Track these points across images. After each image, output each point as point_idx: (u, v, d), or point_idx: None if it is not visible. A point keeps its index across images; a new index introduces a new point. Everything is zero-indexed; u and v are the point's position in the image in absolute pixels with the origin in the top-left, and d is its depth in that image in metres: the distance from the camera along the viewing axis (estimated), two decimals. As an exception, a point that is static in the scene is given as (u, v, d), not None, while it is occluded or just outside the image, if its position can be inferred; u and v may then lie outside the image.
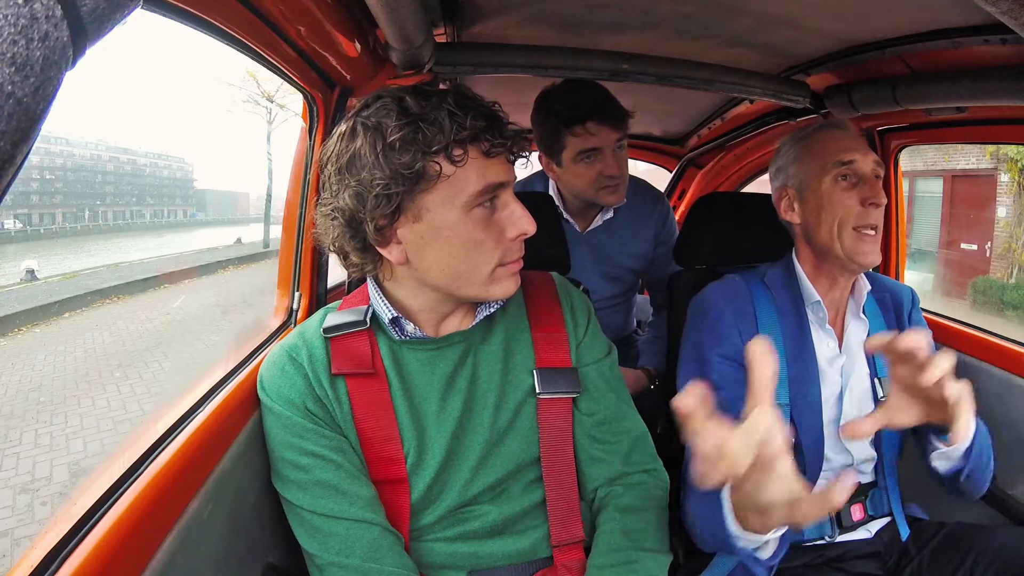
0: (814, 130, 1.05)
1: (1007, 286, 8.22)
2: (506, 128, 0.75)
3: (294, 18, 0.84)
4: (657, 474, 0.88)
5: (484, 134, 0.71)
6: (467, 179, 0.72)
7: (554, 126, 1.40)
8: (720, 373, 1.01)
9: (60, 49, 0.27)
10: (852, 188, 0.98)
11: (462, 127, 0.70)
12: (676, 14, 1.16)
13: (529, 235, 0.77)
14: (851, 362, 1.04)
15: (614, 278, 1.63)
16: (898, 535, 1.03)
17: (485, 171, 0.72)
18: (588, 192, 1.46)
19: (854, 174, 0.98)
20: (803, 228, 1.04)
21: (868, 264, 0.99)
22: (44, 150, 44.64)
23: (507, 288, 0.78)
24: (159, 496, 0.63)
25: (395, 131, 0.69)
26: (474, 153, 0.72)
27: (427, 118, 0.70)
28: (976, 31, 0.97)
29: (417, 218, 0.73)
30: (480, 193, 0.72)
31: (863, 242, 0.97)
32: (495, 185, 0.73)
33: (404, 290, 0.81)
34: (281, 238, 1.19)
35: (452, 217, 0.72)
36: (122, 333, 8.15)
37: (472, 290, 0.77)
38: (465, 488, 0.80)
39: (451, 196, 0.72)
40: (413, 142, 0.69)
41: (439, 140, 0.69)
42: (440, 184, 0.71)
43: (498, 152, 0.73)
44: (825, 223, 0.99)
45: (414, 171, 0.69)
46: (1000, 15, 0.49)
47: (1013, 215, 8.51)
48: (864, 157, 0.99)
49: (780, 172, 1.08)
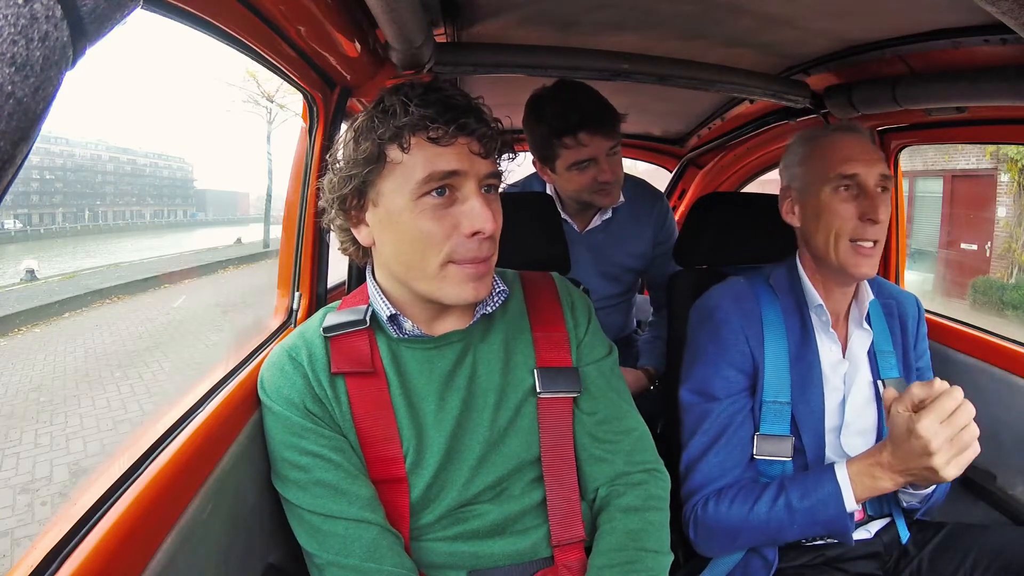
0: (823, 132, 1.04)
1: (1007, 286, 8.22)
2: (476, 120, 0.74)
3: (294, 18, 0.85)
4: (658, 474, 0.88)
5: (431, 121, 0.72)
6: (414, 166, 0.73)
7: (545, 135, 1.40)
8: (724, 382, 1.01)
9: (60, 49, 0.27)
10: (852, 200, 0.97)
11: (409, 114, 0.72)
12: (676, 14, 1.16)
13: (486, 234, 0.74)
14: (854, 369, 1.04)
15: (613, 278, 1.63)
16: (897, 535, 1.03)
17: (434, 159, 0.73)
18: (583, 195, 1.47)
19: (856, 186, 0.97)
20: (802, 232, 1.04)
21: (861, 277, 0.98)
22: (44, 150, 44.65)
23: (462, 292, 0.75)
24: (159, 496, 0.63)
25: (361, 121, 0.75)
26: (420, 140, 0.73)
27: (385, 108, 0.74)
28: (976, 31, 0.97)
29: (376, 203, 0.77)
30: (426, 180, 0.72)
31: (858, 255, 0.96)
32: (443, 173, 0.73)
33: (388, 282, 0.82)
34: (281, 238, 1.19)
35: (401, 203, 0.74)
36: (122, 333, 8.15)
37: (424, 285, 0.76)
38: (465, 487, 0.80)
39: (402, 183, 0.74)
40: (370, 129, 0.74)
41: (389, 127, 0.72)
42: (392, 170, 0.74)
43: (450, 141, 0.72)
44: (822, 232, 0.98)
45: (368, 156, 0.74)
46: (1000, 15, 0.49)
47: (1013, 215, 8.51)
48: (869, 169, 0.96)
49: (786, 171, 1.07)
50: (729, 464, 0.98)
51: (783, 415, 0.99)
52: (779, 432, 0.99)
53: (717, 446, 0.99)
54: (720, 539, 0.97)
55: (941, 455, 0.79)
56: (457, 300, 0.76)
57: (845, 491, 0.89)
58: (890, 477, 0.86)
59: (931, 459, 0.80)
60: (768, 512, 0.92)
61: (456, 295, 0.76)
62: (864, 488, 0.88)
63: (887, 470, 0.86)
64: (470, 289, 0.76)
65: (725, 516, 0.95)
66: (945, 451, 0.79)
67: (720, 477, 0.98)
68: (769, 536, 0.94)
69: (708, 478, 0.98)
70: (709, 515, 0.96)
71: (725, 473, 0.98)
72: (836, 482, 0.89)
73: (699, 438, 1.00)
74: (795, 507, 0.91)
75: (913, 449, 0.81)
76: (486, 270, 0.77)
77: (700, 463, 0.99)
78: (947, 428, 0.79)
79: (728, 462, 0.98)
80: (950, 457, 0.80)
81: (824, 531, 0.93)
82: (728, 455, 0.98)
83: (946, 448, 0.79)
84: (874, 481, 0.87)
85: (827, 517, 0.90)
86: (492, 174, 0.77)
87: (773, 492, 0.93)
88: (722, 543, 0.98)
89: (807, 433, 0.99)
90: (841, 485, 0.89)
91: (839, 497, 0.89)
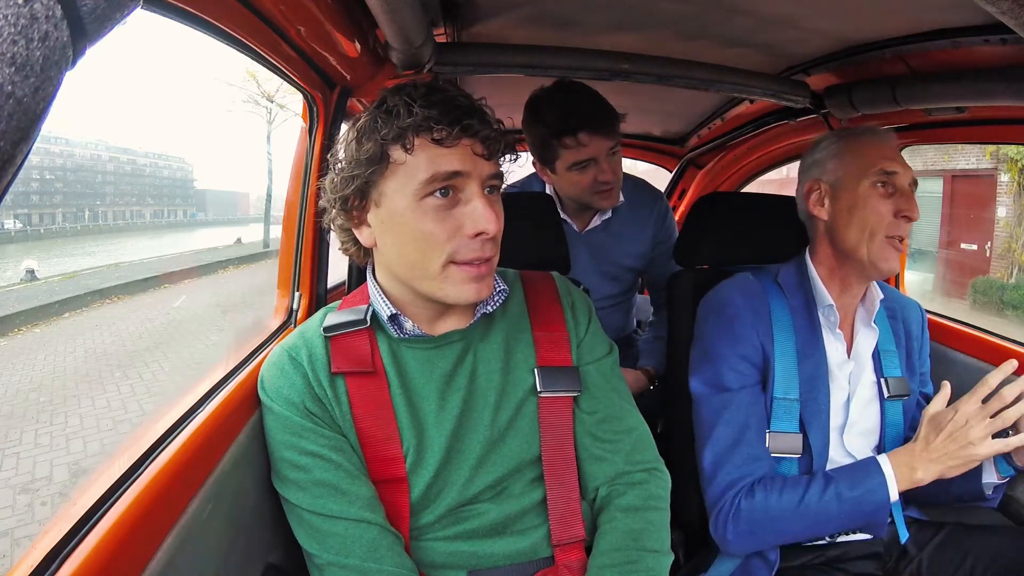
0: (861, 131, 1.05)
1: (1007, 286, 8.22)
2: (479, 122, 0.74)
3: (294, 18, 0.85)
4: (659, 473, 0.88)
5: (435, 123, 0.72)
6: (417, 167, 0.73)
7: (545, 136, 1.40)
8: (737, 374, 1.00)
9: (60, 49, 0.27)
10: (888, 197, 0.98)
11: (413, 115, 0.72)
12: (676, 14, 1.16)
13: (489, 235, 0.74)
14: (859, 369, 1.04)
15: (613, 278, 1.63)
16: (897, 536, 1.03)
17: (437, 160, 0.73)
18: (583, 197, 1.47)
19: (893, 185, 0.98)
20: (829, 226, 1.04)
21: (888, 272, 0.99)
22: (44, 150, 44.65)
23: (463, 292, 0.76)
24: (159, 496, 0.63)
25: (364, 121, 0.75)
26: (424, 141, 0.73)
27: (388, 108, 0.73)
28: (976, 31, 0.97)
29: (378, 203, 0.76)
30: (429, 181, 0.73)
31: (890, 250, 0.98)
32: (447, 174, 0.73)
33: (389, 282, 0.82)
34: (281, 238, 1.19)
35: (403, 204, 0.74)
36: (122, 333, 8.15)
37: (426, 285, 0.77)
38: (465, 487, 0.80)
39: (404, 183, 0.74)
40: (373, 130, 0.74)
41: (394, 128, 0.72)
42: (395, 170, 0.74)
43: (453, 142, 0.73)
44: (855, 226, 0.99)
45: (371, 157, 0.73)
46: (1000, 15, 0.49)
47: (1013, 215, 8.51)
48: (905, 171, 0.99)
49: (815, 165, 1.06)
50: (760, 455, 0.98)
51: (792, 412, 0.99)
52: (789, 429, 0.99)
53: (746, 437, 0.98)
54: (764, 531, 0.95)
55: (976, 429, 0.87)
56: (458, 300, 0.76)
57: (890, 482, 0.91)
58: (925, 467, 0.90)
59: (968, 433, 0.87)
60: (819, 501, 0.93)
61: (457, 295, 0.76)
62: (904, 479, 0.91)
63: (923, 459, 0.90)
64: (472, 289, 0.76)
65: (776, 506, 0.94)
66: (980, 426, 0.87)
67: (755, 470, 0.97)
68: (813, 527, 0.95)
69: (744, 471, 0.97)
70: (757, 506, 0.94)
71: (759, 465, 0.97)
72: (882, 472, 0.92)
73: (722, 429, 0.99)
74: (845, 496, 0.92)
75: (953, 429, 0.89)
76: (488, 270, 0.77)
77: (731, 456, 0.98)
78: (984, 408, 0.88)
79: (760, 452, 0.98)
80: (985, 432, 0.87)
81: (864, 522, 0.94)
82: (759, 446, 0.98)
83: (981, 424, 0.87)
84: (912, 472, 0.91)
85: (872, 507, 0.92)
86: (495, 175, 0.77)
87: (822, 482, 0.94)
88: (765, 536, 0.96)
89: (814, 431, 0.99)
90: (887, 476, 0.92)
91: (885, 487, 0.91)
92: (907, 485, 0.91)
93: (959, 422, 0.88)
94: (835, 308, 1.02)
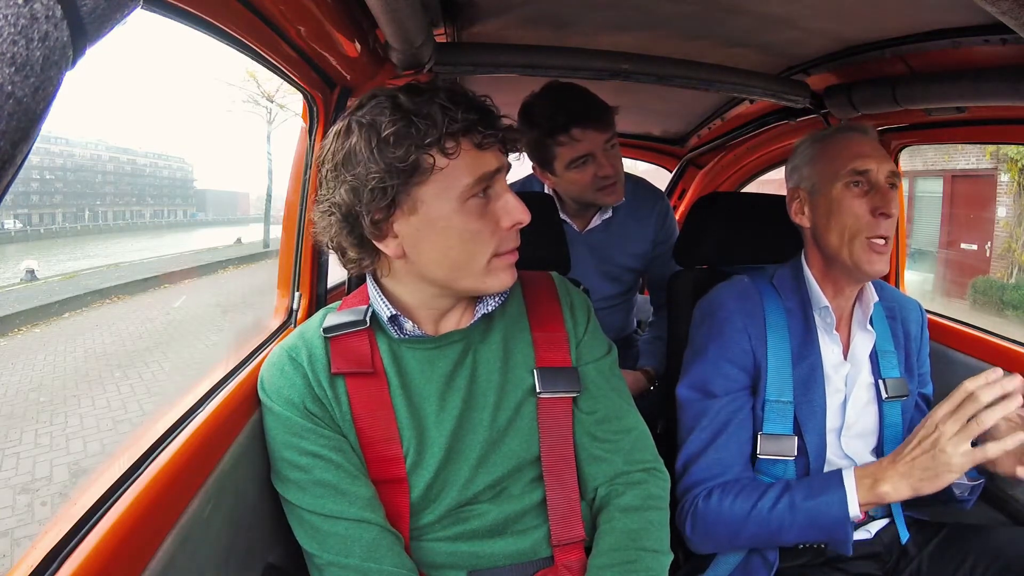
0: (832, 132, 1.04)
1: (1007, 286, 8.22)
2: (498, 121, 0.76)
3: (294, 18, 0.85)
4: (658, 473, 0.88)
5: (476, 127, 0.73)
6: (460, 171, 0.73)
7: (539, 137, 1.40)
8: (724, 379, 1.00)
9: (60, 49, 0.27)
10: (863, 196, 0.97)
11: (454, 120, 0.71)
12: (676, 14, 1.16)
13: (524, 224, 0.78)
14: (856, 371, 1.04)
15: (613, 278, 1.63)
16: (897, 536, 1.03)
17: (478, 162, 0.74)
18: (587, 195, 1.46)
19: (867, 182, 0.97)
20: (812, 232, 1.04)
21: (874, 274, 0.98)
22: (44, 150, 44.63)
23: (503, 280, 0.79)
24: (159, 496, 0.63)
25: (389, 126, 0.71)
26: (467, 145, 0.73)
27: (420, 112, 0.71)
28: (976, 31, 0.97)
29: (413, 211, 0.74)
30: (474, 184, 0.74)
31: (872, 252, 0.96)
32: (488, 175, 0.75)
33: (402, 286, 0.81)
34: (281, 238, 1.19)
35: (447, 209, 0.74)
36: (122, 333, 8.15)
37: (469, 282, 0.78)
38: (465, 487, 0.80)
39: (446, 188, 0.73)
40: (407, 136, 0.71)
41: (432, 133, 0.71)
42: (434, 176, 0.72)
43: (490, 144, 0.75)
44: (834, 230, 0.98)
45: (408, 164, 0.71)
46: (1000, 15, 0.49)
47: (1013, 215, 8.51)
48: (880, 166, 0.97)
49: (794, 172, 1.06)
50: (728, 461, 0.98)
51: (786, 415, 0.99)
52: (782, 431, 0.99)
53: (717, 443, 0.98)
54: (718, 535, 0.96)
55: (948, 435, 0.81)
56: (499, 288, 0.79)
57: (850, 496, 0.89)
58: (893, 481, 0.86)
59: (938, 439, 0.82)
60: (771, 509, 0.92)
61: (499, 284, 0.79)
62: (866, 493, 0.89)
63: (890, 473, 0.87)
64: (508, 277, 0.79)
65: (728, 511, 0.94)
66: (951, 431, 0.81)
67: (720, 474, 0.97)
68: (768, 535, 0.94)
69: (708, 474, 0.98)
70: (711, 509, 0.95)
71: (725, 470, 0.98)
72: (843, 486, 0.90)
73: (697, 434, 1.00)
74: (799, 506, 0.91)
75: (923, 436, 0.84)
76: (517, 257, 0.80)
77: (699, 459, 0.99)
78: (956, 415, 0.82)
79: (728, 459, 0.98)
80: (957, 438, 0.81)
81: (824, 536, 0.92)
82: (727, 452, 0.98)
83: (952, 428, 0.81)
84: (875, 485, 0.88)
85: (829, 520, 0.89)
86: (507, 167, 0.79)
87: (778, 490, 0.93)
88: (719, 539, 0.97)
89: (810, 433, 0.99)
90: (847, 490, 0.89)
91: (843, 501, 0.89)
92: (872, 500, 0.89)
93: (929, 428, 0.84)
94: (831, 309, 1.02)
